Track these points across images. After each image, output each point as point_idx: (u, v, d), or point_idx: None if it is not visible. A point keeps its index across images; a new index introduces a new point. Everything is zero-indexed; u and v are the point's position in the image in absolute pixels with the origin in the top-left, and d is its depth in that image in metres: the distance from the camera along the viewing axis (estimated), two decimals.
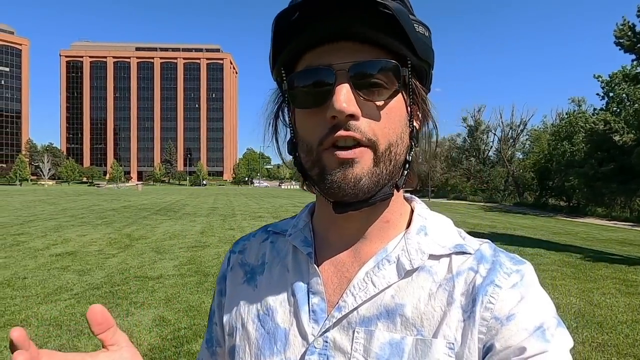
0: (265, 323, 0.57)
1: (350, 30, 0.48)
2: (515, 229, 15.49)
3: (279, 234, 0.65)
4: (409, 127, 0.53)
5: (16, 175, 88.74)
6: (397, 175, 0.53)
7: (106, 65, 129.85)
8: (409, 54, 0.50)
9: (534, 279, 0.51)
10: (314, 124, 0.50)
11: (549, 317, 0.48)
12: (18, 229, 12.40)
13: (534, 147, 42.75)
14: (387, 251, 0.55)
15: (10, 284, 6.16)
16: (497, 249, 0.56)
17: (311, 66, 0.50)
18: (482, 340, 0.48)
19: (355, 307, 0.52)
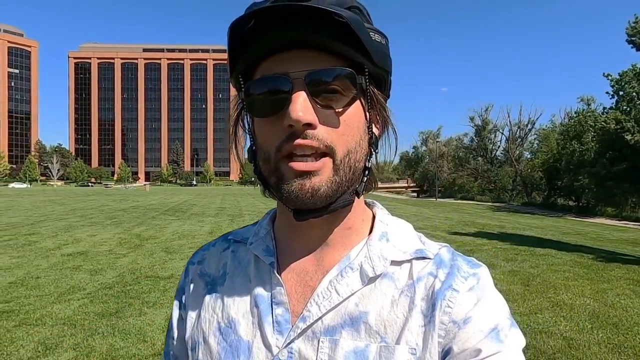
0: (227, 336, 0.55)
1: (306, 38, 0.48)
2: (524, 229, 15.37)
3: (240, 242, 0.63)
4: (367, 134, 0.53)
5: (26, 175, 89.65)
6: (357, 182, 0.53)
7: (114, 66, 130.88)
8: (365, 61, 0.50)
9: (489, 281, 0.53)
10: (271, 132, 0.50)
11: (503, 318, 0.49)
12: (29, 229, 12.52)
13: (542, 147, 42.42)
14: (350, 258, 0.55)
15: (24, 283, 6.22)
16: (455, 252, 0.57)
17: (267, 74, 0.50)
18: (441, 343, 0.49)
19: (319, 316, 0.52)
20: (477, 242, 10.49)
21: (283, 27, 0.47)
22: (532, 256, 8.46)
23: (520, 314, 4.82)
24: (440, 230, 13.02)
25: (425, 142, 73.19)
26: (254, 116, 0.53)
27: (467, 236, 11.68)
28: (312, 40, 0.48)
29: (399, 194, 71.59)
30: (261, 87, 0.50)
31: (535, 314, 4.84)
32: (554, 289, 5.93)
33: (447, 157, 62.07)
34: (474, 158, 57.13)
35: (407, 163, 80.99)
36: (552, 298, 5.47)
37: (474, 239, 11.14)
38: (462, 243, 10.19)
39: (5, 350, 3.89)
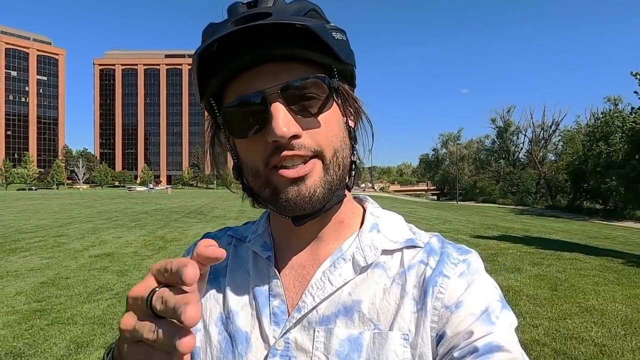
0: (227, 326, 0.57)
1: (270, 53, 0.49)
2: (549, 232, 15.02)
3: (240, 240, 0.66)
4: (346, 129, 0.56)
5: (53, 179, 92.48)
6: (346, 177, 0.56)
7: (137, 72, 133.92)
8: (333, 62, 0.52)
9: (479, 266, 0.54)
10: (257, 149, 0.51)
11: (493, 300, 0.51)
12: (58, 231, 12.91)
13: (567, 149, 41.46)
14: (343, 250, 0.57)
15: (55, 283, 6.41)
16: (445, 240, 0.58)
17: (242, 95, 0.51)
18: (435, 329, 0.50)
19: (314, 306, 0.54)
20: (501, 245, 10.29)
21: (249, 45, 0.48)
22: (558, 260, 8.25)
23: (548, 319, 4.71)
24: (462, 234, 12.83)
25: (445, 144, 72.42)
26: (235, 138, 0.54)
27: (491, 240, 11.47)
28: (279, 53, 0.49)
29: (418, 196, 70.95)
30: (238, 107, 0.51)
31: (565, 320, 4.72)
32: (583, 294, 5.78)
33: (468, 160, 61.26)
34: (495, 160, 56.26)
35: (427, 166, 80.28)
36: (581, 303, 5.33)
37: (497, 242, 10.94)
38: (486, 247, 10.02)
39: (39, 347, 4.02)
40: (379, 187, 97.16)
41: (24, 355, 3.84)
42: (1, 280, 6.57)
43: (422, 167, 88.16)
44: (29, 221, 15.95)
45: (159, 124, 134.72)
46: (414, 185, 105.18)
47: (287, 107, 0.49)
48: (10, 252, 8.97)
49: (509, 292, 5.76)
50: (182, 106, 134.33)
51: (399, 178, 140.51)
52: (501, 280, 6.42)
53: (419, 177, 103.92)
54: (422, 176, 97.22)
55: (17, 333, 4.36)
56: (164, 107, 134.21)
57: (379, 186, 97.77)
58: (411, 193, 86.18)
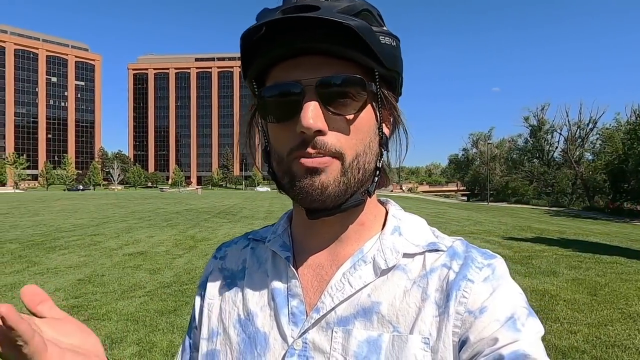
0: (246, 328, 0.57)
1: (315, 46, 0.49)
2: (587, 235, 14.39)
3: (258, 241, 0.66)
4: (378, 135, 0.55)
5: (90, 180, 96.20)
6: (368, 182, 0.55)
7: (168, 76, 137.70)
8: (375, 65, 0.51)
9: (504, 271, 0.53)
10: (285, 136, 0.52)
11: (519, 307, 0.49)
12: (94, 230, 13.40)
13: (605, 147, 39.62)
14: (363, 252, 0.56)
15: (91, 280, 6.64)
16: (470, 245, 0.57)
17: (279, 81, 0.52)
18: (457, 333, 0.49)
19: (332, 307, 0.53)
20: (536, 248, 9.94)
21: (292, 36, 0.49)
22: (597, 264, 7.89)
23: (588, 325, 4.50)
24: (495, 235, 12.48)
25: (475, 144, 70.73)
26: (268, 121, 0.55)
27: (524, 242, 11.10)
28: (322, 48, 0.49)
29: (448, 197, 69.65)
30: (274, 93, 0.52)
31: (606, 326, 4.49)
32: (625, 299, 5.49)
33: (500, 159, 59.62)
34: (528, 160, 54.50)
35: (457, 166, 78.66)
36: (624, 309, 5.06)
37: (532, 244, 10.57)
38: (519, 249, 9.71)
39: None
40: (407, 187, 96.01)
41: None
42: (42, 277, 6.86)
43: (452, 168, 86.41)
44: (68, 220, 16.63)
45: (190, 126, 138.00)
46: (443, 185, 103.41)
47: (319, 101, 0.50)
48: (51, 250, 9.38)
49: (544, 297, 5.55)
50: (211, 108, 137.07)
51: (427, 178, 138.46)
52: (536, 284, 6.20)
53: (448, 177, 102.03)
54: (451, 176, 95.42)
55: None
56: (194, 109, 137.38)
57: (407, 187, 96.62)
58: (440, 194, 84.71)
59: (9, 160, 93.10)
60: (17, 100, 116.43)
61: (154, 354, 3.86)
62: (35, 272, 7.23)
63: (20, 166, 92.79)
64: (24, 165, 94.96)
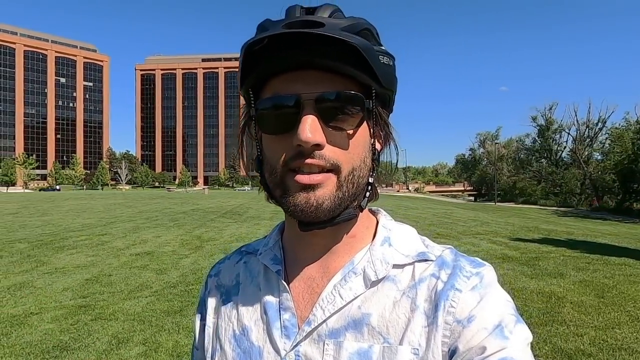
0: (241, 343, 0.58)
1: (316, 61, 0.50)
2: (595, 236, 14.24)
3: (251, 253, 0.67)
4: (371, 150, 0.56)
5: (98, 180, 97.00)
6: (361, 197, 0.56)
7: (175, 76, 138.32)
8: (373, 84, 0.52)
9: (492, 279, 0.54)
10: (280, 148, 0.52)
11: (507, 314, 0.50)
12: (102, 229, 13.51)
13: (615, 147, 39.19)
14: (354, 264, 0.57)
15: (98, 280, 6.71)
16: (459, 253, 0.58)
17: (278, 94, 0.52)
18: (447, 343, 0.49)
19: (323, 319, 0.54)
20: (543, 249, 9.86)
21: (295, 50, 0.49)
22: (606, 265, 7.81)
23: (595, 328, 4.46)
24: (501, 236, 12.40)
25: (482, 143, 70.31)
26: (263, 132, 0.55)
27: (531, 243, 11.02)
28: (322, 63, 0.50)
29: (455, 197, 69.29)
30: (272, 105, 0.52)
31: (613, 329, 4.45)
32: (633, 301, 5.43)
33: (507, 159, 59.20)
34: (536, 160, 54.15)
35: (464, 166, 78.24)
36: (631, 312, 5.01)
37: (539, 245, 10.49)
38: (526, 250, 9.64)
39: (84, 341, 4.20)
40: (414, 187, 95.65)
41: (70, 349, 4.03)
42: (50, 276, 6.94)
43: (459, 168, 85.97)
44: (76, 220, 16.79)
45: (197, 126, 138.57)
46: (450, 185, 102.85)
47: (318, 116, 0.50)
48: (59, 250, 9.48)
49: (551, 299, 5.51)
50: (218, 109, 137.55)
51: (434, 178, 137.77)
52: (543, 286, 6.15)
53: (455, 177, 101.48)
54: (458, 176, 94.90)
55: (63, 327, 4.58)
56: (201, 110, 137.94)
57: (413, 187, 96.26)
58: (447, 194, 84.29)
59: (18, 160, 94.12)
60: (27, 101, 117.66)
61: (160, 354, 3.89)
62: (43, 271, 7.32)
63: (30, 166, 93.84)
64: (34, 165, 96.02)
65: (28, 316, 4.96)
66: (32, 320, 4.83)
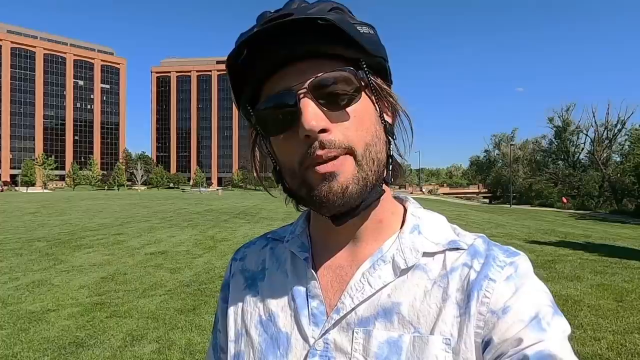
0: (267, 328, 0.58)
1: (299, 49, 0.50)
2: (614, 239, 13.93)
3: (277, 240, 0.67)
4: (382, 123, 0.55)
5: (115, 181, 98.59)
6: (384, 173, 0.55)
7: (190, 78, 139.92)
8: (360, 55, 0.52)
9: (528, 269, 0.52)
10: (290, 147, 0.51)
11: (544, 306, 0.48)
12: (118, 229, 13.73)
13: (634, 149, 38.30)
14: (382, 251, 0.56)
15: (114, 278, 6.82)
16: (491, 242, 0.56)
17: (271, 93, 0.52)
18: (480, 334, 0.48)
19: (352, 308, 0.53)
20: (560, 252, 9.69)
21: (275, 46, 0.49)
22: (625, 269, 7.63)
23: (613, 332, 4.36)
24: (517, 239, 12.22)
25: (497, 145, 69.44)
26: (269, 135, 0.55)
27: (548, 245, 10.83)
28: (305, 51, 0.50)
29: (469, 199, 68.53)
30: (269, 106, 0.52)
31: (632, 333, 4.35)
32: None
33: (523, 161, 58.36)
34: (553, 162, 53.26)
35: (478, 168, 77.37)
36: None
37: (555, 248, 10.30)
38: (542, 252, 9.48)
39: (99, 338, 4.28)
40: (427, 189, 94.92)
41: (85, 345, 4.10)
42: (67, 274, 7.08)
43: (473, 170, 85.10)
44: (93, 220, 17.09)
45: (211, 127, 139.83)
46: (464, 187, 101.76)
47: (316, 101, 0.50)
48: (76, 249, 9.66)
49: (567, 302, 5.41)
50: (232, 110, 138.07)
51: (448, 180, 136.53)
52: (559, 289, 6.04)
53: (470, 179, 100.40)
54: (472, 178, 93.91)
55: (79, 324, 4.67)
56: (215, 111, 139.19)
57: (427, 189, 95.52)
58: (461, 196, 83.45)
59: (38, 161, 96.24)
60: (46, 103, 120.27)
61: (173, 352, 3.94)
62: (61, 269, 7.47)
63: (49, 167, 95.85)
64: (53, 166, 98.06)
65: (45, 313, 5.07)
66: (50, 316, 4.94)
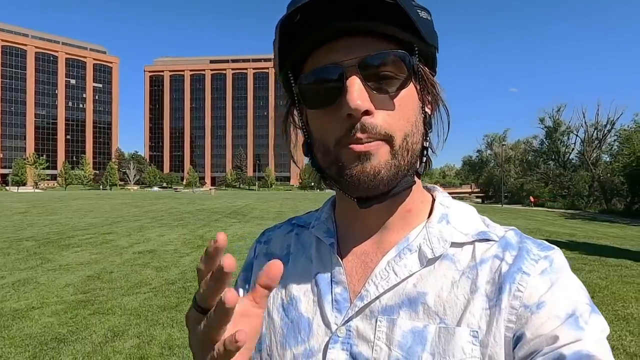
0: (289, 312, 0.58)
1: (354, 25, 0.47)
2: (599, 237, 14.19)
3: (303, 226, 0.67)
4: (422, 113, 0.53)
5: (107, 180, 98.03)
6: (417, 164, 0.54)
7: (184, 78, 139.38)
8: (415, 40, 0.49)
9: (564, 264, 0.50)
10: (329, 123, 0.50)
11: (581, 303, 0.46)
12: (107, 228, 13.75)
13: (623, 149, 38.80)
14: (409, 240, 0.55)
15: (100, 277, 6.89)
16: (524, 235, 0.55)
17: (319, 65, 0.50)
18: (511, 329, 0.47)
19: (377, 296, 0.52)
20: None
21: (330, 17, 0.47)
22: (602, 266, 7.83)
23: None
24: None
25: (490, 145, 69.90)
26: (308, 108, 0.53)
27: None
28: (360, 26, 0.48)
29: (462, 199, 68.78)
30: (314, 78, 0.50)
31: None
32: (623, 301, 5.48)
33: (515, 161, 58.83)
34: (544, 162, 53.70)
35: (471, 167, 77.85)
36: (619, 311, 5.07)
37: None
38: None
39: (81, 334, 4.37)
40: None
41: (67, 341, 4.19)
42: (54, 273, 7.14)
43: (466, 169, 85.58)
44: (83, 219, 17.08)
45: (204, 127, 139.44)
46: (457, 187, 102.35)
47: (363, 81, 0.48)
48: (64, 248, 9.70)
49: None
50: (226, 110, 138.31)
51: (441, 180, 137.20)
52: None
53: (463, 179, 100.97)
54: (465, 178, 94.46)
55: (62, 321, 4.75)
56: (208, 111, 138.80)
57: None
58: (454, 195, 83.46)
59: (29, 160, 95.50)
60: (38, 102, 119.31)
61: (152, 347, 4.04)
62: (48, 268, 7.53)
63: (40, 166, 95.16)
64: (44, 165, 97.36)
65: (30, 310, 5.15)
66: (33, 314, 5.01)
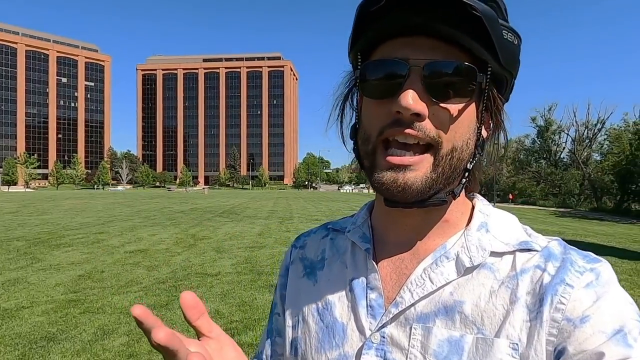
0: (324, 317, 0.57)
1: (431, 26, 0.46)
2: (587, 235, 14.40)
3: (338, 231, 0.66)
4: (476, 134, 0.52)
5: (99, 180, 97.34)
6: (455, 182, 0.52)
7: (177, 76, 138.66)
8: (490, 59, 0.48)
9: (611, 277, 0.48)
10: (378, 114, 0.50)
11: (630, 319, 0.44)
12: (99, 228, 13.71)
13: (613, 148, 39.27)
14: (446, 248, 0.54)
15: (91, 276, 6.89)
16: (569, 246, 0.52)
17: (386, 57, 0.49)
18: (553, 342, 0.45)
19: (412, 303, 0.51)
20: None
21: (412, 12, 0.46)
22: None
23: None
24: None
25: None
26: (365, 96, 0.53)
27: None
28: (437, 29, 0.46)
29: None
30: (378, 68, 0.50)
31: None
32: None
33: (507, 160, 59.33)
34: (536, 160, 54.17)
35: None
36: None
37: None
38: None
39: (70, 333, 4.39)
40: None
41: (56, 340, 4.21)
42: (44, 273, 7.13)
43: None
44: (75, 219, 16.98)
45: (197, 126, 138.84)
46: None
47: (424, 84, 0.47)
48: (55, 248, 9.67)
49: None
50: (219, 109, 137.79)
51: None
52: None
53: None
54: None
55: (52, 320, 4.77)
56: (202, 110, 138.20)
57: None
58: None
59: (20, 159, 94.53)
60: (28, 100, 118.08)
61: (142, 344, 4.07)
62: (38, 268, 7.51)
63: (31, 166, 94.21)
64: (35, 164, 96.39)
65: (19, 310, 5.15)
66: (23, 313, 5.02)
